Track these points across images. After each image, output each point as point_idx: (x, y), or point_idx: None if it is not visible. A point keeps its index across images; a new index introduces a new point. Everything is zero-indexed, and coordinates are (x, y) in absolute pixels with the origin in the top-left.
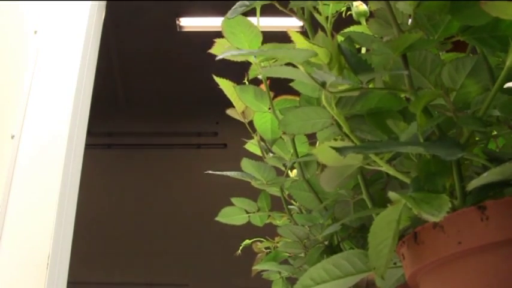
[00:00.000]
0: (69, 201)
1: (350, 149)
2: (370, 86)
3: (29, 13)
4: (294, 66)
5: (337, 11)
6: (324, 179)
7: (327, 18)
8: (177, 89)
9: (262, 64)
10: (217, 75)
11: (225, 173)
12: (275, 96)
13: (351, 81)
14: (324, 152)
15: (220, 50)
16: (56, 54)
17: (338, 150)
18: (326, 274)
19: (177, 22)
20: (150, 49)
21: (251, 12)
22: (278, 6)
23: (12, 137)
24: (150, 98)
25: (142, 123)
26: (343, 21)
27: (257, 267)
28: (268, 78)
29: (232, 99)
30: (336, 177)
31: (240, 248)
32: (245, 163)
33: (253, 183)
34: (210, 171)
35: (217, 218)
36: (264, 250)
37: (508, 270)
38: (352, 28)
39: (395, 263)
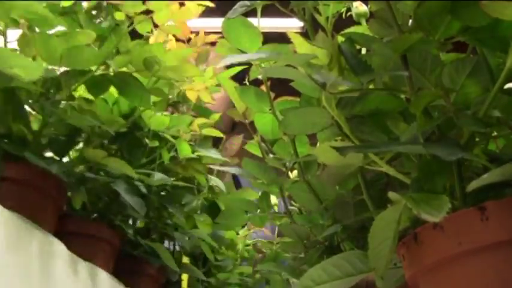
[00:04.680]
0: None
1: (350, 148)
2: (371, 87)
3: None
4: (294, 66)
5: (337, 12)
6: (325, 176)
7: (327, 18)
8: None
9: (263, 65)
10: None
11: (225, 169)
12: (276, 97)
13: (351, 82)
14: (324, 152)
15: (221, 51)
16: None
17: (338, 149)
18: (326, 275)
19: None
20: None
21: (252, 13)
22: (279, 6)
23: None
24: None
25: None
26: (343, 22)
27: (258, 268)
28: (268, 78)
29: (233, 100)
30: (337, 175)
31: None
32: (246, 163)
33: (254, 183)
34: (211, 166)
35: (216, 220)
36: (264, 250)
37: (509, 271)
38: (352, 29)
39: (395, 264)
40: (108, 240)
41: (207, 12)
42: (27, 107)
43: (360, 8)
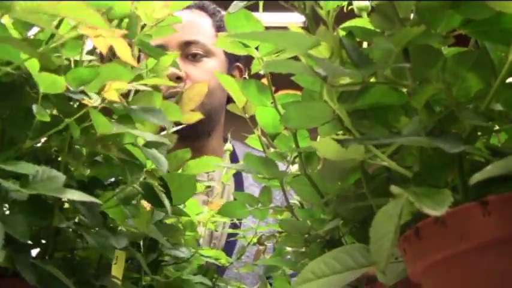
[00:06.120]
0: None
1: (352, 141)
2: (372, 80)
3: None
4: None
5: (338, 6)
6: (325, 173)
7: (328, 12)
8: None
9: (265, 58)
10: None
11: (227, 165)
12: (276, 90)
13: (353, 72)
14: (325, 146)
15: (223, 44)
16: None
17: (340, 142)
18: (327, 268)
19: None
20: None
21: (253, 8)
22: (280, 1)
23: None
24: None
25: None
26: (344, 15)
27: (262, 263)
28: (270, 72)
29: (232, 95)
30: (338, 171)
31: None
32: (248, 157)
33: (255, 177)
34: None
35: (218, 214)
36: (265, 244)
37: (510, 266)
38: (353, 22)
39: (396, 258)
40: None
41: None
42: None
43: (361, 1)
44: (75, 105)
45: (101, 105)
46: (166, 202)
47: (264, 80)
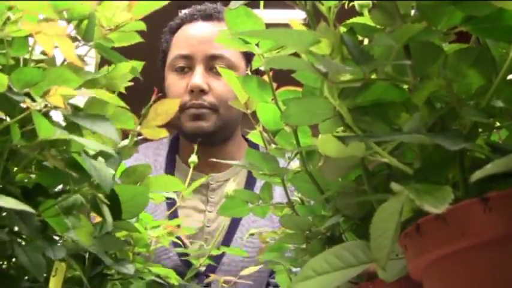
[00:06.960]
0: None
1: (353, 138)
2: (373, 77)
3: None
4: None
5: (339, 2)
6: (326, 169)
7: (329, 8)
8: None
9: (266, 55)
10: None
11: (228, 161)
12: (278, 87)
13: (353, 69)
14: (326, 143)
15: (223, 40)
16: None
17: (341, 139)
18: (327, 265)
19: None
20: (151, 48)
21: (254, 5)
22: None
23: None
24: (151, 96)
25: None
26: (345, 12)
27: (261, 258)
28: (271, 69)
29: (235, 91)
30: (338, 168)
31: (245, 238)
32: (249, 153)
33: (255, 173)
34: (214, 159)
35: (218, 212)
36: (269, 240)
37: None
38: (354, 19)
39: (397, 255)
40: None
41: None
42: None
43: None
44: (22, 108)
45: (44, 109)
46: (108, 215)
47: (265, 77)
